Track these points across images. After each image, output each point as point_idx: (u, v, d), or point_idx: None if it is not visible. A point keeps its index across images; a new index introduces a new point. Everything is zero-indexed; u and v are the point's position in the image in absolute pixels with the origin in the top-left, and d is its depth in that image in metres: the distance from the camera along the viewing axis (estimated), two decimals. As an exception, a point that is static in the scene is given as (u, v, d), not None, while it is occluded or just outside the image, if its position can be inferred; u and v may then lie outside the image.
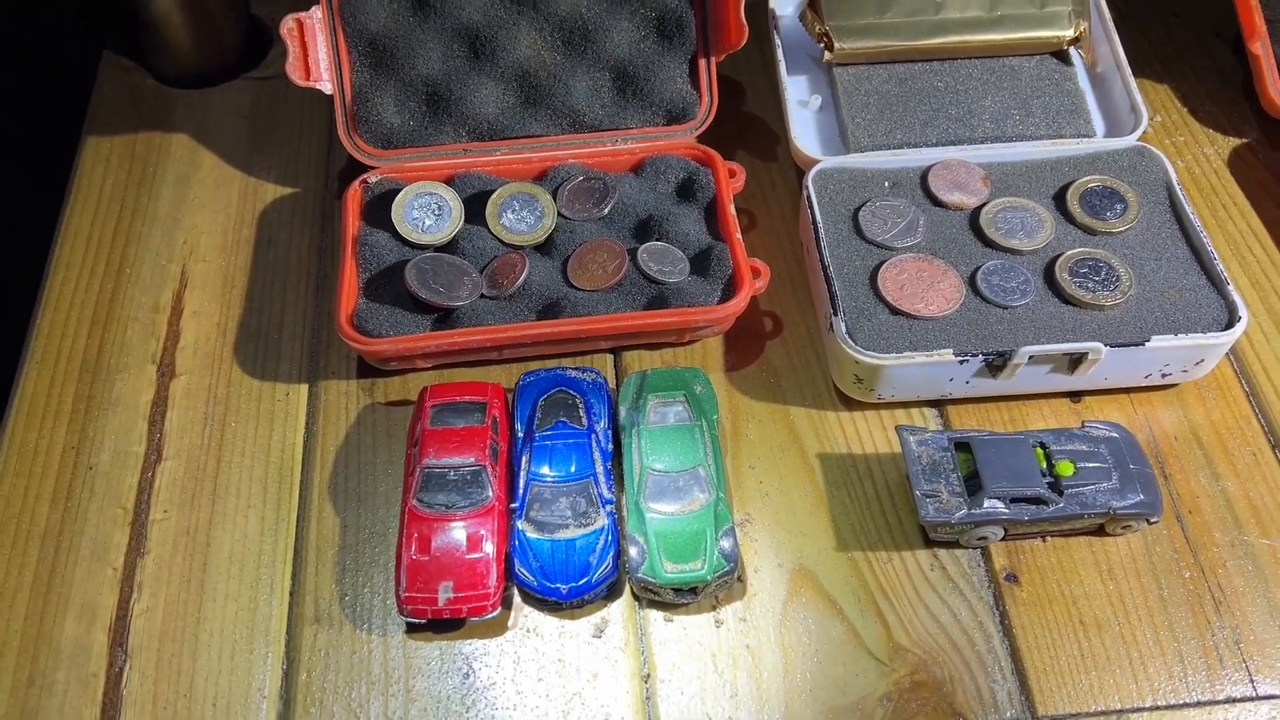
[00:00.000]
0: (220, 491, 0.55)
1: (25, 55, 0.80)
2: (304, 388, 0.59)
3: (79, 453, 0.56)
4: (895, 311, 0.56)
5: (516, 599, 0.51)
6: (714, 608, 0.51)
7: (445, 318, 0.57)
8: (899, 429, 0.53)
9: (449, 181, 0.62)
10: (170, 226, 0.65)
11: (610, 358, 0.60)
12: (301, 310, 0.62)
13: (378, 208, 0.61)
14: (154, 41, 0.70)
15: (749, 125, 0.69)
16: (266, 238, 0.65)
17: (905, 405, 0.57)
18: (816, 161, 0.61)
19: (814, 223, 0.59)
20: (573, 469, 0.52)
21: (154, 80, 0.73)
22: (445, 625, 0.51)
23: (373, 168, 0.63)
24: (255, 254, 0.64)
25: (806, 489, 0.55)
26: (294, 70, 0.61)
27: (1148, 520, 0.52)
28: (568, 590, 0.50)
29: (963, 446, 0.53)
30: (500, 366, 0.59)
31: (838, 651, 0.50)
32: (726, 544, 0.50)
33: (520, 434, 0.54)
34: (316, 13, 0.61)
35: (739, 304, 0.57)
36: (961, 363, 0.54)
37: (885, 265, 0.57)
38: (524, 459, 0.53)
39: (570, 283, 0.59)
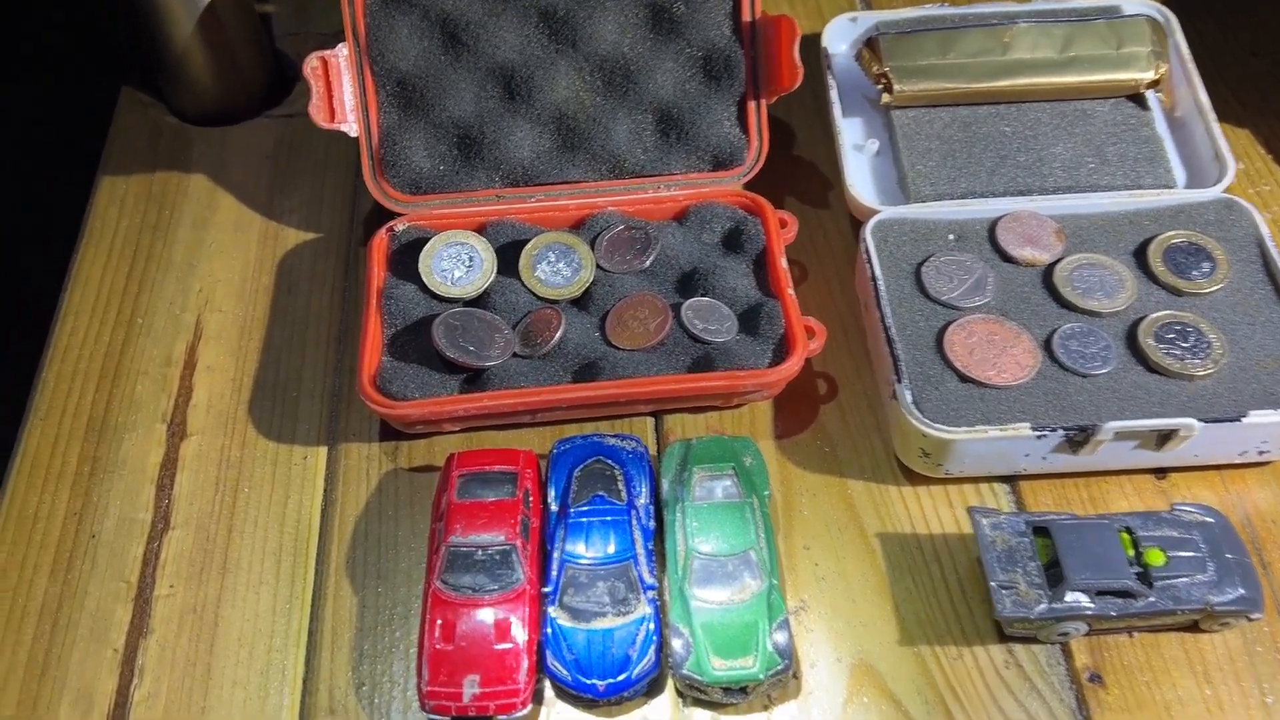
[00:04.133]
0: (231, 565, 0.51)
1: (44, 90, 0.78)
2: (323, 450, 0.55)
3: (81, 519, 0.53)
4: (965, 379, 0.51)
5: (548, 693, 0.47)
6: (766, 708, 0.46)
7: (475, 378, 0.53)
8: (972, 511, 0.49)
9: (480, 230, 0.58)
10: (185, 273, 0.62)
11: (650, 421, 0.55)
12: (322, 365, 0.58)
13: (405, 257, 0.57)
14: (174, 77, 0.67)
15: (800, 171, 0.65)
16: (286, 286, 0.61)
17: (974, 480, 0.52)
18: (874, 211, 0.57)
19: (873, 279, 0.54)
20: (611, 549, 0.48)
21: (173, 117, 0.69)
22: (471, 722, 0.46)
23: (400, 214, 0.59)
24: (274, 303, 0.61)
25: (867, 573, 0.50)
26: (318, 112, 0.57)
27: (1248, 617, 0.47)
28: (605, 687, 0.45)
29: (1041, 531, 0.48)
30: (533, 430, 0.55)
31: (904, 760, 0.45)
32: (781, 638, 0.46)
33: (554, 508, 0.50)
34: (343, 50, 0.58)
35: (792, 367, 0.52)
36: (1039, 438, 0.49)
37: (952, 327, 0.53)
38: (558, 537, 0.49)
39: (609, 341, 0.54)
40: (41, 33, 0.77)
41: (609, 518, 0.49)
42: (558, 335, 0.53)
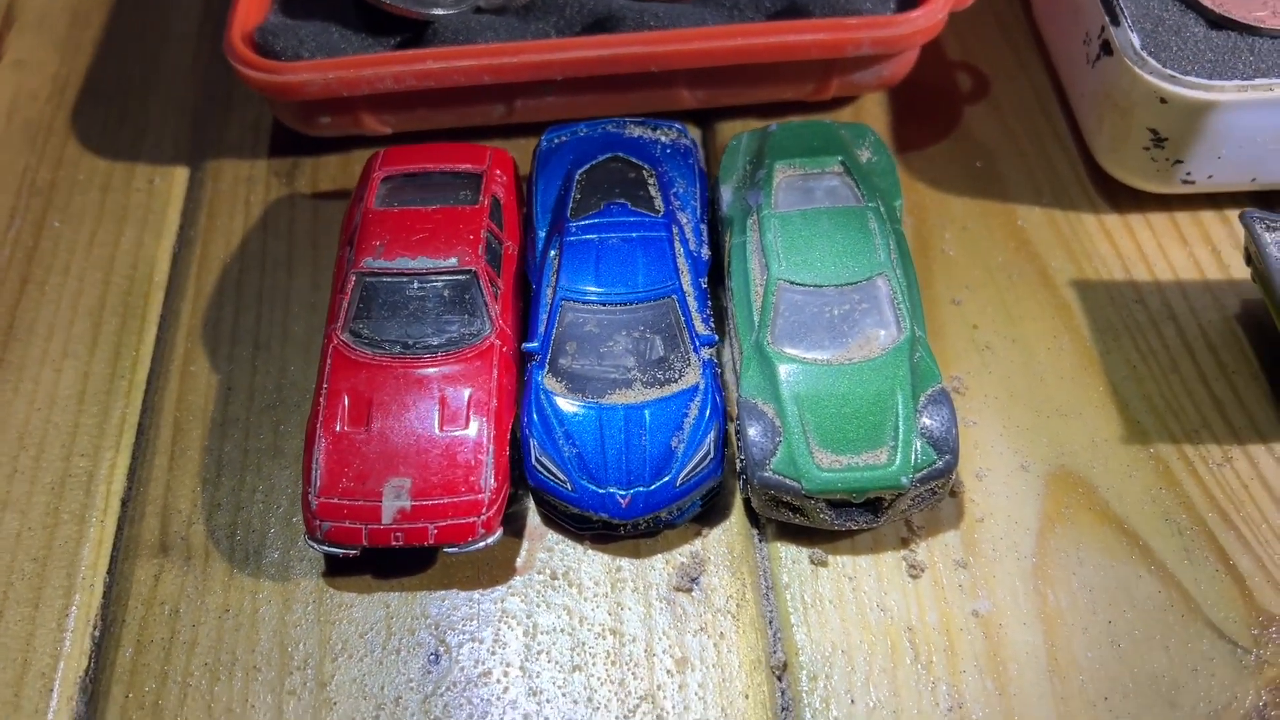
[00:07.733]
0: (20, 331, 0.32)
1: None
2: (182, 172, 0.35)
3: None
4: (1219, 22, 0.31)
5: (533, 517, 0.28)
6: (906, 543, 0.27)
7: (414, 41, 0.33)
8: (1247, 217, 0.29)
9: None
10: (-3, -53, 0.42)
11: (698, 134, 0.36)
12: (189, 60, 0.39)
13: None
14: None
15: None
16: (145, -39, 0.41)
17: (1219, 197, 0.33)
18: None
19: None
20: (639, 282, 0.28)
21: None
22: (397, 562, 0.27)
23: None
24: (125, -17, 0.41)
25: (1059, 339, 0.31)
26: None
27: None
28: (629, 501, 0.26)
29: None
30: (509, 141, 0.35)
31: (1149, 625, 0.26)
32: (934, 420, 0.26)
33: (541, 226, 0.30)
34: None
35: (933, 13, 0.32)
36: (1361, 100, 0.29)
37: (1188, -45, 0.33)
38: (549, 266, 0.29)
39: (630, -10, 0.35)
40: None
41: (635, 234, 0.29)
42: (548, -21, 0.33)
